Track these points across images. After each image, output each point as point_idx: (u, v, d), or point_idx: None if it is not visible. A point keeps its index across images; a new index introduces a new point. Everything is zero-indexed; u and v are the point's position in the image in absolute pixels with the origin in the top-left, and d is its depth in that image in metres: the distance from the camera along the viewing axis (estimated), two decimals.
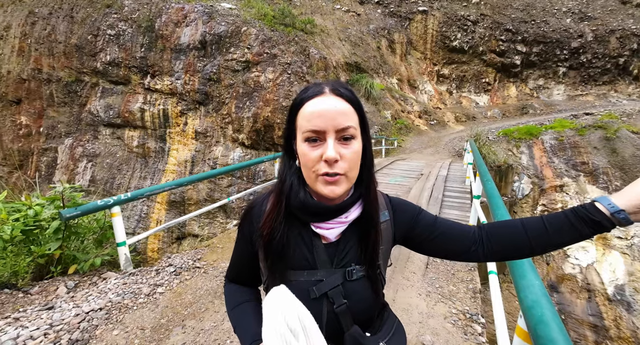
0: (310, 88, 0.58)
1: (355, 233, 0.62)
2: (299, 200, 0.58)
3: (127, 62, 11.07)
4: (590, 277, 7.68)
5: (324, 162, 0.53)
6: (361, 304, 0.62)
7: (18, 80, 11.44)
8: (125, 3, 11.50)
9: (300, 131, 0.56)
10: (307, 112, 0.54)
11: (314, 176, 0.55)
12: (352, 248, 0.62)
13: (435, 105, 17.35)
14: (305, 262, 0.60)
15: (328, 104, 0.54)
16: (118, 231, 2.43)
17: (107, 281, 2.20)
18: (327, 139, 0.53)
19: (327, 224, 0.60)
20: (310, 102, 0.55)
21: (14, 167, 11.63)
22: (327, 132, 0.53)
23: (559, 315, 0.83)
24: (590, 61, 17.35)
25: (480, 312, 1.92)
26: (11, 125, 11.68)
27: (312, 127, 0.53)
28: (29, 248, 2.02)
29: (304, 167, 0.56)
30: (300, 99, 0.57)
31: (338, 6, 16.54)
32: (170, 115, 10.97)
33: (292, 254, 0.60)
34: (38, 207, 2.11)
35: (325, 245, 0.61)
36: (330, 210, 0.58)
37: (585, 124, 9.94)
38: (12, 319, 1.63)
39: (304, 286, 0.59)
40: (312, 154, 0.54)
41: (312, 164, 0.54)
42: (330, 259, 0.61)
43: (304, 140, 0.55)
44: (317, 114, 0.53)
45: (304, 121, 0.55)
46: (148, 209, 10.45)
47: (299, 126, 0.56)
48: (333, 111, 0.54)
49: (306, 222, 0.60)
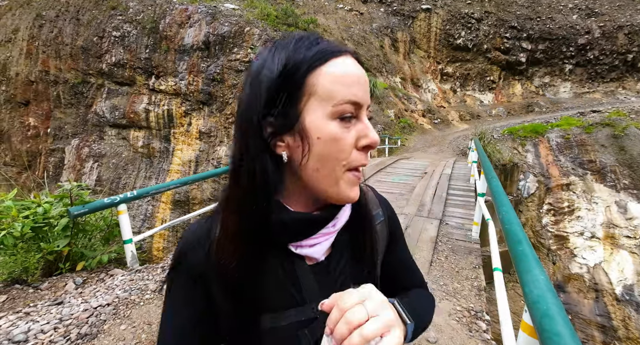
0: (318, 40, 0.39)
1: (346, 243, 0.46)
2: (282, 216, 0.39)
3: (132, 63, 11.19)
4: (598, 276, 7.58)
5: (359, 150, 0.38)
6: None
7: (26, 82, 11.64)
8: (130, 5, 11.62)
9: (325, 103, 0.36)
10: (343, 74, 0.36)
11: (340, 172, 0.38)
12: (346, 264, 0.46)
13: (439, 103, 17.25)
14: (288, 298, 0.42)
15: (361, 70, 0.39)
16: (124, 228, 2.47)
17: (114, 278, 2.24)
18: (362, 118, 0.38)
19: (309, 239, 0.42)
20: (336, 61, 0.37)
21: (22, 167, 11.84)
22: (364, 108, 0.38)
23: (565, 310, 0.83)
24: (598, 58, 17.10)
25: (485, 310, 1.91)
26: (20, 127, 11.89)
27: (353, 97, 0.36)
28: (39, 245, 2.06)
29: (326, 160, 0.37)
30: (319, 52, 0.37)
31: (341, 5, 16.52)
32: (174, 116, 11.07)
33: (268, 291, 0.41)
34: (47, 205, 2.15)
35: (311, 268, 0.44)
36: (324, 220, 0.42)
37: (592, 122, 9.80)
38: (23, 314, 1.66)
39: (288, 333, 0.41)
40: (348, 137, 0.37)
41: (346, 154, 0.37)
42: (321, 287, 0.44)
43: (333, 116, 0.36)
44: (358, 80, 0.37)
45: (336, 86, 0.36)
46: (153, 208, 10.57)
47: (319, 93, 0.36)
48: (366, 81, 0.39)
49: (279, 244, 0.41)
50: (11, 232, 1.84)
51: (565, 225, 8.56)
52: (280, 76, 0.36)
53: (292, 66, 0.36)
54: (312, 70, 0.36)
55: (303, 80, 0.36)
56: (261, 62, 0.38)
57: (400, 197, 4.46)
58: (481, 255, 2.70)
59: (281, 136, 0.37)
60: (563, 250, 8.39)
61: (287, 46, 0.38)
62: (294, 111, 0.36)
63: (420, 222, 3.42)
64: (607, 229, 7.99)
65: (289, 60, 0.36)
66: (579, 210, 8.56)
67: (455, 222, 3.47)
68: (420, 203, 4.09)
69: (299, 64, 0.36)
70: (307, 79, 0.36)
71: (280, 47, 0.38)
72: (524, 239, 1.21)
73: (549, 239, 8.62)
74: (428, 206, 3.95)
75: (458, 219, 3.56)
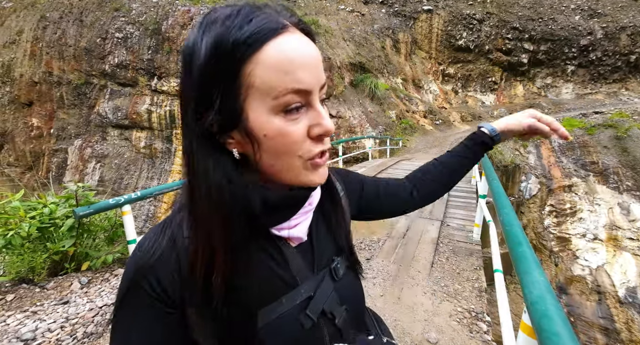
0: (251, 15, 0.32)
1: (320, 219, 0.47)
2: (263, 199, 0.36)
3: (134, 64, 11.26)
4: (601, 278, 7.55)
5: (312, 139, 0.35)
6: (357, 302, 0.49)
7: (30, 83, 11.73)
8: (132, 6, 11.70)
9: (265, 96, 0.32)
10: (281, 59, 0.31)
11: (299, 163, 0.35)
12: (325, 239, 0.47)
13: (441, 104, 17.24)
14: (281, 284, 0.40)
15: (305, 46, 0.33)
16: (128, 229, 2.49)
17: (118, 278, 2.27)
18: (314, 104, 0.35)
19: (290, 220, 0.40)
20: (276, 41, 0.31)
21: (26, 167, 11.92)
22: (314, 92, 0.34)
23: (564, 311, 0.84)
24: (600, 59, 17.04)
25: (485, 311, 1.92)
26: (23, 127, 11.97)
27: (296, 85, 0.32)
28: (45, 245, 2.09)
29: (277, 156, 0.34)
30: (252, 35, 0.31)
31: (342, 6, 16.56)
32: (176, 116, 11.13)
33: (258, 283, 0.38)
34: (53, 206, 2.18)
35: (297, 249, 0.43)
36: (304, 197, 0.40)
37: (594, 123, 9.77)
38: (30, 313, 1.69)
39: (289, 320, 0.39)
40: (296, 130, 0.34)
41: (297, 146, 0.34)
42: (310, 264, 0.43)
43: (277, 110, 0.32)
44: (303, 61, 0.32)
45: (275, 75, 0.31)
46: (155, 209, 10.62)
47: (258, 87, 0.31)
48: (316, 59, 0.34)
49: (261, 229, 0.39)
50: (19, 232, 1.88)
51: (568, 227, 8.54)
52: (208, 67, 0.31)
53: (221, 54, 0.30)
54: (247, 58, 0.30)
55: (237, 72, 0.31)
56: (191, 43, 0.32)
57: None
58: (482, 256, 2.71)
59: (229, 132, 0.34)
60: (565, 252, 8.36)
61: (215, 26, 0.31)
62: (234, 107, 0.32)
63: (421, 224, 3.43)
64: (609, 231, 7.97)
65: (217, 47, 0.30)
66: (581, 212, 8.54)
67: (457, 223, 3.48)
68: None
69: (229, 51, 0.30)
70: (242, 69, 0.31)
71: (208, 27, 0.32)
72: (524, 240, 1.23)
73: (551, 240, 8.60)
74: (429, 207, 3.97)
75: (459, 220, 3.57)
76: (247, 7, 0.33)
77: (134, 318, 0.36)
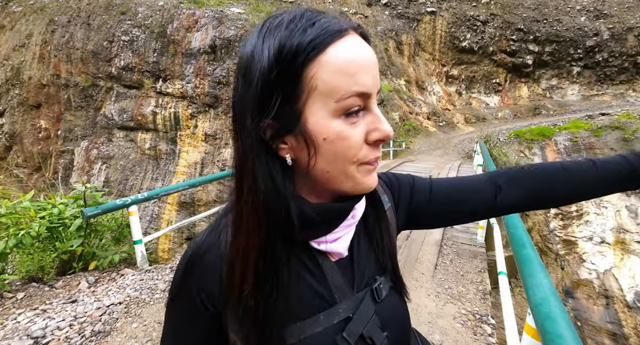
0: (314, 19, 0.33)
1: (363, 234, 0.44)
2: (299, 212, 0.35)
3: (140, 66, 11.40)
4: (608, 282, 7.44)
5: (369, 144, 0.35)
6: (401, 328, 0.45)
7: (38, 85, 11.94)
8: (139, 10, 11.88)
9: (328, 99, 0.32)
10: (345, 61, 0.31)
11: (353, 169, 0.35)
12: (367, 256, 0.44)
13: (444, 106, 17.18)
14: (317, 300, 0.38)
15: (367, 50, 0.34)
16: (135, 229, 2.53)
17: (124, 277, 2.30)
18: (372, 108, 0.34)
19: (331, 234, 0.39)
20: (339, 44, 0.32)
21: (33, 168, 12.12)
22: (372, 96, 0.34)
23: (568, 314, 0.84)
24: (607, 60, 16.88)
25: (490, 314, 1.92)
26: (31, 129, 12.17)
27: (358, 88, 0.32)
28: (54, 244, 2.13)
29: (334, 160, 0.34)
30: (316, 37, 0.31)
31: (345, 9, 16.63)
32: (181, 118, 11.24)
33: (293, 296, 0.36)
34: (62, 206, 2.23)
35: (336, 264, 0.41)
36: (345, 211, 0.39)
37: (601, 125, 9.67)
38: (40, 311, 1.73)
39: (324, 340, 0.37)
40: (355, 134, 0.33)
41: (355, 150, 0.33)
42: (349, 281, 0.41)
43: (338, 113, 0.32)
44: (365, 64, 0.32)
45: (338, 77, 0.31)
46: (159, 209, 10.71)
47: (321, 90, 0.31)
48: (374, 63, 0.34)
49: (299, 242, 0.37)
50: (29, 231, 1.92)
51: (574, 229, 8.44)
52: (272, 70, 0.31)
53: (285, 58, 0.31)
54: (310, 61, 0.31)
55: (300, 75, 0.31)
56: (250, 50, 0.33)
57: None
58: (487, 259, 2.70)
59: (282, 138, 0.34)
60: (572, 255, 8.26)
61: (279, 30, 0.32)
62: (293, 111, 0.32)
63: None
64: (617, 234, 7.85)
65: (281, 50, 0.31)
66: (588, 215, 8.43)
67: (461, 225, 3.46)
68: None
69: (293, 54, 0.30)
70: (304, 72, 0.31)
71: (270, 32, 0.32)
72: (528, 242, 1.23)
73: (557, 243, 8.50)
74: None
75: None
76: (309, 11, 0.33)
77: (182, 310, 0.39)
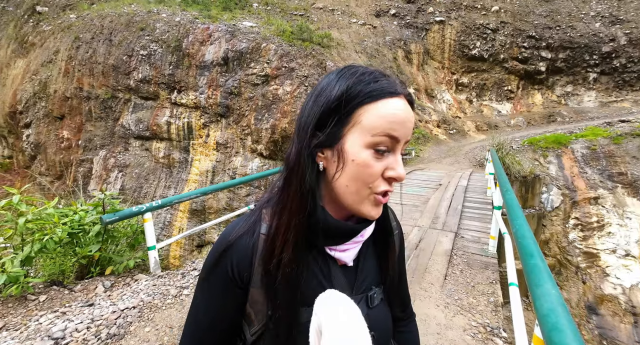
0: (378, 78, 0.44)
1: (370, 251, 0.54)
2: (323, 220, 0.44)
3: (156, 79, 11.92)
4: (636, 298, 7.01)
5: (385, 179, 0.43)
6: (385, 332, 0.53)
7: (62, 98, 12.64)
8: (157, 26, 12.52)
9: (366, 132, 0.41)
10: (388, 112, 0.41)
11: (366, 193, 0.43)
12: (371, 269, 0.53)
13: (455, 114, 17.03)
14: (322, 292, 0.45)
15: (408, 111, 0.43)
16: (149, 236, 2.62)
17: (138, 282, 2.37)
18: (396, 153, 0.44)
19: (343, 245, 0.48)
20: (389, 101, 0.42)
21: (55, 177, 12.69)
22: (400, 143, 0.43)
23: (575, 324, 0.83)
24: (625, 65, 16.41)
25: (502, 326, 1.87)
26: (55, 139, 12.82)
27: (392, 132, 0.41)
28: (74, 250, 2.24)
29: (354, 180, 0.43)
30: (374, 91, 0.42)
31: (354, 20, 16.97)
32: (194, 128, 11.60)
33: (307, 284, 0.46)
34: (83, 213, 2.35)
35: (342, 269, 0.50)
36: (357, 231, 0.48)
37: (621, 132, 9.34)
38: (60, 313, 1.81)
39: None
40: (377, 165, 0.42)
41: (373, 179, 0.42)
42: (350, 284, 0.50)
43: (370, 145, 0.42)
44: (402, 119, 0.42)
45: (380, 122, 0.41)
46: (171, 217, 10.94)
47: (364, 125, 0.42)
48: (411, 122, 0.44)
49: (318, 245, 0.48)
50: (52, 237, 2.03)
51: (595, 241, 8.06)
52: (335, 102, 0.42)
53: (348, 96, 0.42)
54: (364, 104, 0.42)
55: (353, 111, 0.42)
56: (326, 83, 0.45)
57: (414, 208, 4.43)
58: (499, 270, 2.63)
59: (322, 149, 0.44)
60: (594, 268, 7.86)
61: (352, 77, 0.43)
62: (339, 133, 0.43)
63: (434, 235, 3.38)
64: None
65: (347, 91, 0.42)
66: (610, 226, 8.05)
67: (472, 235, 3.40)
68: (434, 215, 4.05)
69: (354, 96, 0.42)
70: (357, 110, 0.42)
71: (345, 75, 0.44)
72: (536, 252, 1.22)
73: (577, 256, 8.12)
74: (443, 218, 3.90)
75: (474, 232, 3.49)
76: (378, 72, 0.45)
77: (215, 287, 0.47)
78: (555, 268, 8.12)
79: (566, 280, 7.85)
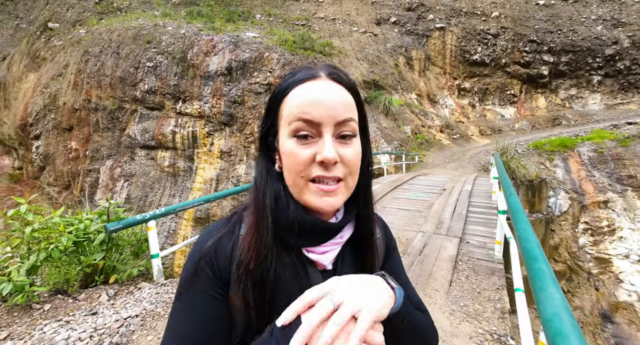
0: (300, 71, 0.45)
1: (350, 255, 0.51)
2: (291, 217, 0.43)
3: (162, 89, 12.19)
4: None
5: (318, 164, 0.42)
6: None
7: (71, 110, 12.96)
8: (162, 38, 12.87)
9: (285, 123, 0.43)
10: (297, 98, 0.42)
11: (302, 182, 0.43)
12: (350, 272, 0.48)
13: (458, 119, 17.00)
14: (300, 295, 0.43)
15: (325, 89, 0.42)
16: (152, 244, 2.64)
17: (142, 290, 2.37)
18: (324, 135, 0.42)
19: (320, 247, 0.46)
20: (300, 86, 0.43)
21: (62, 187, 12.90)
22: (323, 125, 0.41)
23: (580, 329, 0.81)
24: (629, 68, 16.31)
25: (509, 334, 1.82)
26: (63, 150, 13.09)
27: (303, 116, 0.41)
28: (79, 258, 2.26)
29: (289, 171, 0.43)
30: (287, 84, 0.44)
31: (355, 28, 17.24)
32: (198, 137, 11.76)
33: (285, 282, 0.44)
34: (88, 221, 2.38)
35: (321, 273, 0.48)
36: (333, 229, 0.46)
37: (628, 134, 9.20)
38: (63, 322, 1.81)
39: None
40: (302, 153, 0.42)
41: (302, 166, 0.42)
42: None
43: (290, 134, 0.42)
44: (311, 101, 0.41)
45: (291, 109, 0.42)
46: (176, 225, 10.99)
47: (283, 117, 0.43)
48: (332, 99, 0.42)
49: (294, 247, 0.46)
50: (58, 246, 2.06)
51: (607, 246, 7.85)
52: (269, 102, 0.46)
53: (274, 95, 0.45)
54: (285, 96, 0.44)
55: (278, 106, 0.45)
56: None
57: (418, 214, 4.39)
58: (505, 276, 2.58)
59: (275, 150, 0.47)
60: (606, 274, 7.63)
61: (284, 78, 0.46)
62: (274, 130, 0.46)
63: (438, 240, 3.34)
64: None
65: (275, 91, 0.45)
66: (621, 230, 7.85)
67: (477, 240, 3.35)
68: (438, 220, 4.00)
69: (278, 91, 0.45)
70: (280, 105, 0.44)
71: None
72: (540, 256, 1.19)
73: (588, 261, 7.90)
74: (447, 224, 3.86)
75: (479, 237, 3.44)
76: (303, 68, 0.46)
77: (197, 294, 0.44)
78: (566, 274, 7.90)
79: (578, 287, 7.62)
